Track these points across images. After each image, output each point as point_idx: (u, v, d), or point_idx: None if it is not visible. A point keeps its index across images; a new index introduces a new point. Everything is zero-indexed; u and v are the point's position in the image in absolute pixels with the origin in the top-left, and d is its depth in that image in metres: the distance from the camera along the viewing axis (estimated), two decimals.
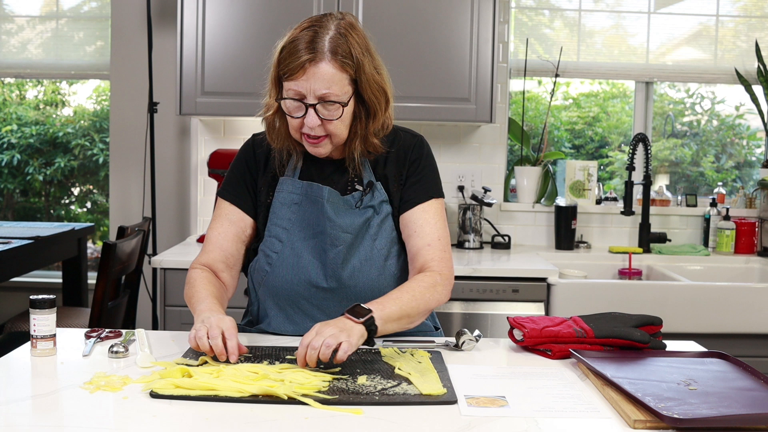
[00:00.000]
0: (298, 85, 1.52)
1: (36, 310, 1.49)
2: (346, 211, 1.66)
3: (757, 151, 3.78)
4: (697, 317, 2.75)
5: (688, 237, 3.50)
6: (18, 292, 3.84)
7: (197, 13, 2.98)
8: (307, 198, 1.66)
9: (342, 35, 1.54)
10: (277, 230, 1.68)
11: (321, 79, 1.51)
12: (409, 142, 1.71)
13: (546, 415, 1.23)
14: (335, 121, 1.56)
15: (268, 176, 1.71)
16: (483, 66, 3.02)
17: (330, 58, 1.51)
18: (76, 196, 4.32)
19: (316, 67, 1.51)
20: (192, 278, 1.68)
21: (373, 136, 1.63)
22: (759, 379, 1.38)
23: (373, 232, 1.67)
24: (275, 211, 1.68)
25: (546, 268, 2.81)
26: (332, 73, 1.52)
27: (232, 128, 3.39)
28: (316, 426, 1.16)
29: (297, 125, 1.58)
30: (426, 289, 1.57)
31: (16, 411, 1.21)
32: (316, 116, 1.54)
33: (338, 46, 1.52)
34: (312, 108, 1.54)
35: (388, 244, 1.69)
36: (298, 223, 1.67)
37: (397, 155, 1.70)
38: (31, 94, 4.24)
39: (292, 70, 1.52)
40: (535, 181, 3.45)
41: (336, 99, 1.54)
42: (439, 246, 1.65)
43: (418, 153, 1.71)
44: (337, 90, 1.53)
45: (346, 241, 1.65)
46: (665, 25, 3.56)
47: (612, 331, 1.58)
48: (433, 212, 1.67)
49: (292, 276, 1.67)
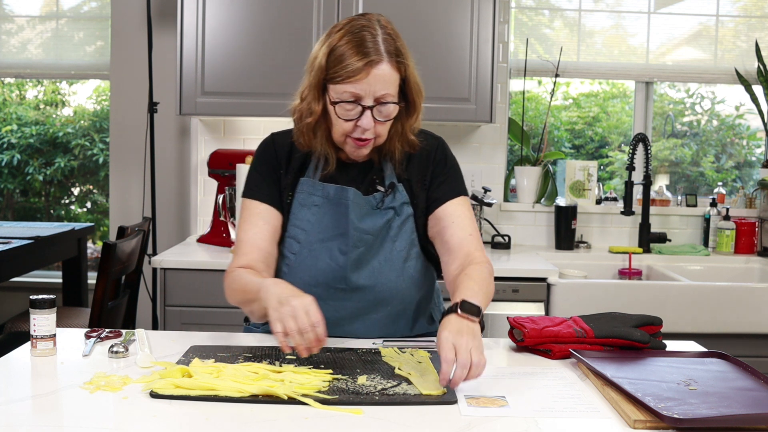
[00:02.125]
0: (357, 87, 1.51)
1: (36, 310, 1.49)
2: (368, 213, 1.65)
3: (757, 151, 3.78)
4: (697, 317, 2.75)
5: (688, 237, 3.50)
6: (18, 292, 3.84)
7: (197, 13, 2.98)
8: (328, 200, 1.65)
9: (390, 36, 1.55)
10: (295, 231, 1.66)
11: (381, 80, 1.52)
12: (431, 144, 1.72)
13: (546, 415, 1.23)
14: (385, 122, 1.57)
15: (290, 176, 1.68)
16: (483, 66, 3.02)
17: (388, 59, 1.52)
18: (76, 196, 4.32)
19: (377, 68, 1.51)
20: (232, 276, 1.60)
21: (410, 134, 1.65)
22: (759, 379, 1.38)
23: (393, 234, 1.66)
24: (294, 212, 1.67)
25: (546, 268, 2.81)
26: (390, 73, 1.53)
27: (232, 128, 3.39)
28: (316, 426, 1.16)
29: (348, 128, 1.57)
30: (488, 280, 1.56)
31: (16, 411, 1.21)
32: (371, 118, 1.54)
33: (391, 46, 1.53)
34: (369, 110, 1.54)
35: (408, 246, 1.68)
36: (317, 224, 1.66)
37: (420, 157, 1.70)
38: (31, 94, 4.24)
39: (351, 73, 1.50)
40: (535, 181, 3.45)
41: (392, 100, 1.55)
42: (477, 237, 1.66)
43: (442, 154, 1.72)
44: (392, 90, 1.55)
45: (367, 242, 1.64)
46: (665, 25, 3.56)
47: (612, 331, 1.58)
48: (466, 207, 1.69)
49: (309, 278, 1.65)
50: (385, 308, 1.68)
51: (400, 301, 1.69)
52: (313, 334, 1.35)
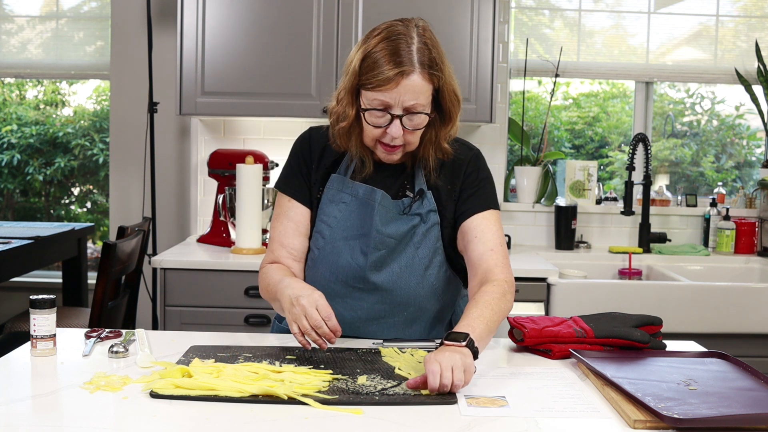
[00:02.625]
0: (386, 96, 1.52)
1: (36, 310, 1.49)
2: (394, 218, 1.65)
3: (757, 151, 3.78)
4: (697, 317, 2.75)
5: (688, 237, 3.50)
6: (18, 292, 3.84)
7: (197, 13, 2.98)
8: (356, 199, 1.66)
9: (426, 45, 1.54)
10: (321, 226, 1.69)
11: (411, 91, 1.52)
12: (465, 155, 1.71)
13: (546, 415, 1.23)
14: (416, 131, 1.57)
15: (321, 171, 1.71)
16: (483, 66, 3.02)
17: (420, 70, 1.52)
18: (76, 196, 4.32)
19: (408, 79, 1.51)
20: (264, 273, 1.69)
21: (444, 142, 1.64)
22: (759, 379, 1.38)
23: (417, 240, 1.66)
24: (323, 208, 1.69)
25: (546, 268, 2.81)
26: (421, 84, 1.52)
27: (232, 128, 3.39)
28: (316, 426, 1.16)
29: (377, 134, 1.58)
30: (499, 299, 1.54)
31: (16, 411, 1.21)
32: (400, 127, 1.55)
33: (425, 57, 1.53)
34: (398, 119, 1.54)
35: (431, 254, 1.67)
36: (343, 221, 1.67)
37: (453, 167, 1.69)
38: (31, 94, 4.24)
39: (382, 82, 1.51)
40: (535, 181, 3.45)
41: (422, 110, 1.55)
42: (501, 252, 1.63)
43: (474, 166, 1.71)
44: (423, 100, 1.54)
45: (389, 245, 1.64)
46: (665, 25, 3.56)
47: (612, 331, 1.58)
48: (493, 220, 1.66)
49: (329, 274, 1.67)
50: (402, 313, 1.68)
51: (418, 307, 1.68)
52: (326, 327, 1.45)
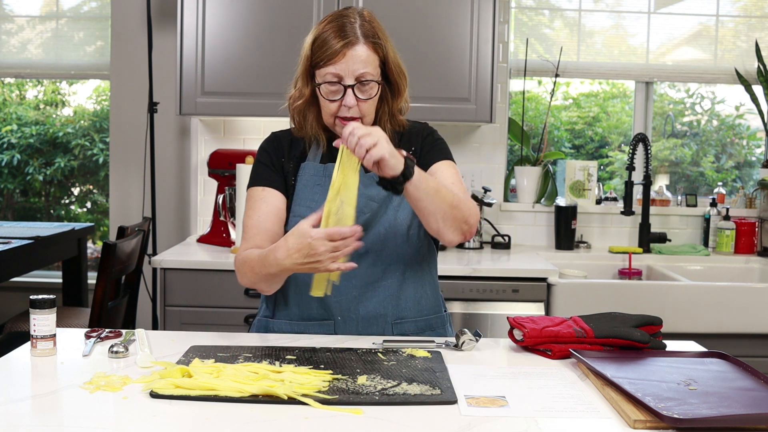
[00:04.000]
0: (337, 68, 1.64)
1: (36, 310, 1.49)
2: (372, 183, 1.70)
3: (757, 151, 3.78)
4: (697, 317, 2.75)
5: (688, 237, 3.50)
6: (18, 292, 3.84)
7: (197, 13, 2.98)
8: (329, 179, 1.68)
9: (368, 22, 1.69)
10: (301, 209, 1.72)
11: (358, 60, 1.64)
12: (418, 126, 1.84)
13: (546, 415, 1.23)
14: (369, 101, 1.68)
15: (292, 162, 1.78)
16: (483, 66, 3.02)
17: (364, 41, 1.65)
18: (76, 196, 4.32)
19: (353, 49, 1.64)
20: (242, 258, 1.66)
21: (398, 114, 1.77)
22: (759, 379, 1.38)
23: (396, 204, 1.73)
24: (299, 194, 1.75)
25: (546, 268, 2.81)
26: (367, 54, 1.65)
27: (232, 128, 3.39)
28: (316, 426, 1.16)
29: (334, 109, 1.68)
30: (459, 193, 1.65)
31: (16, 411, 1.21)
32: (353, 96, 1.65)
33: (368, 31, 1.67)
34: (350, 88, 1.65)
35: (410, 215, 1.74)
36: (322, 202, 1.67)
37: (410, 136, 1.81)
38: (31, 94, 4.24)
39: (330, 56, 1.64)
40: (535, 181, 3.45)
41: (372, 78, 1.66)
42: (461, 188, 1.72)
43: (429, 131, 1.83)
44: (371, 70, 1.66)
45: (372, 209, 1.72)
46: (665, 25, 3.56)
47: (612, 331, 1.58)
48: (452, 166, 1.78)
49: None
50: (395, 274, 1.72)
51: (407, 266, 1.74)
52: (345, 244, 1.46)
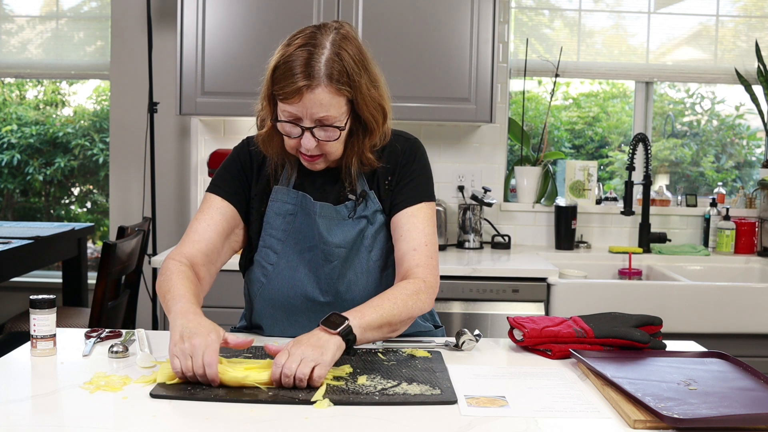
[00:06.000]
0: (294, 108, 1.48)
1: (36, 310, 1.49)
2: (339, 224, 1.62)
3: (757, 151, 3.78)
4: (697, 317, 2.75)
5: (688, 237, 3.50)
6: (18, 292, 3.84)
7: (197, 13, 2.98)
8: (302, 209, 1.63)
9: (338, 55, 1.48)
10: (271, 241, 1.65)
11: (318, 104, 1.47)
12: (401, 147, 1.66)
13: (546, 415, 1.23)
14: (331, 142, 1.53)
15: (262, 183, 1.66)
16: (483, 66, 3.02)
17: (326, 83, 1.46)
18: (76, 196, 4.32)
19: (312, 93, 1.46)
20: (168, 270, 1.54)
21: (368, 152, 1.60)
22: (759, 379, 1.38)
23: (368, 244, 1.64)
24: (269, 221, 1.64)
25: (546, 268, 2.81)
26: (329, 98, 1.47)
27: (232, 128, 3.39)
28: (316, 426, 1.16)
29: (293, 144, 1.55)
30: (409, 296, 1.50)
31: (16, 411, 1.21)
32: (312, 138, 1.51)
33: (334, 69, 1.47)
34: (309, 131, 1.50)
35: (384, 254, 1.65)
36: (293, 234, 1.64)
37: (390, 156, 1.65)
38: (31, 94, 4.24)
39: (288, 95, 1.47)
40: (535, 181, 3.45)
41: (333, 122, 1.50)
42: (425, 252, 1.59)
43: (410, 156, 1.66)
44: (334, 113, 1.49)
45: (340, 255, 1.61)
46: (665, 25, 3.56)
47: (612, 331, 1.58)
48: (422, 217, 1.62)
49: (288, 290, 1.64)
50: None
51: None
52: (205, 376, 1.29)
